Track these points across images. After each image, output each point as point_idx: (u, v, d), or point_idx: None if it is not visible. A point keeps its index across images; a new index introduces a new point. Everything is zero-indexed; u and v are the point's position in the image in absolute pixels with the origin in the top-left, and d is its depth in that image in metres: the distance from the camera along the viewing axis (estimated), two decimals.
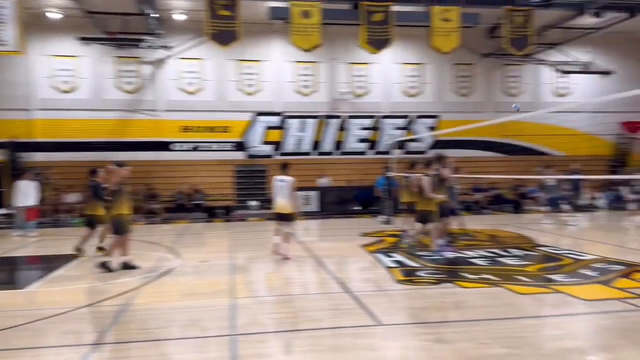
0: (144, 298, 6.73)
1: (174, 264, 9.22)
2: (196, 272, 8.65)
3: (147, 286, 7.43)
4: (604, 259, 8.85)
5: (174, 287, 7.49)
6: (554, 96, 22.68)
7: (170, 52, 19.96)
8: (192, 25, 19.26)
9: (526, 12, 16.68)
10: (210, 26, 15.47)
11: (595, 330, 5.14)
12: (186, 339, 5.19)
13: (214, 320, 5.70)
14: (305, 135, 21.28)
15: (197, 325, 5.59)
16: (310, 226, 16.17)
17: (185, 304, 6.47)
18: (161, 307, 6.39)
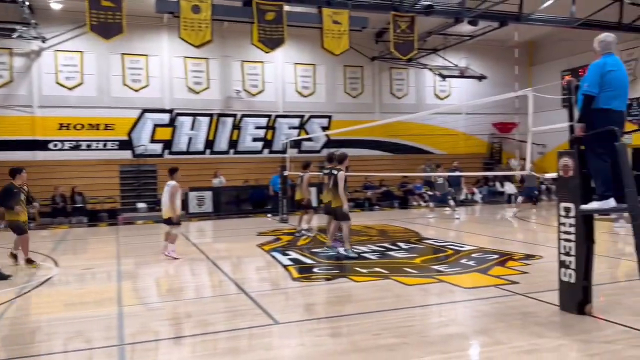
0: (21, 310, 6.16)
1: (53, 272, 8.52)
2: (79, 281, 8.06)
3: (23, 298, 6.80)
4: (481, 249, 9.63)
5: (54, 297, 6.92)
6: (435, 98, 24.23)
7: (46, 44, 18.40)
8: (71, 16, 17.90)
9: (410, 18, 17.62)
10: (90, 17, 14.47)
11: (475, 316, 5.57)
12: (70, 352, 4.82)
13: (101, 331, 5.35)
14: (198, 133, 20.72)
15: (81, 336, 5.21)
16: (205, 227, 15.79)
17: (68, 314, 6.01)
18: (41, 319, 5.88)
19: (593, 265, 5.33)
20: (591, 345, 4.47)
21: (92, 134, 19.23)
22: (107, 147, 19.47)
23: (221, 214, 18.24)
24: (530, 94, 6.34)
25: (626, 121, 5.29)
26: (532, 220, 14.98)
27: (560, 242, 5.43)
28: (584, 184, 5.28)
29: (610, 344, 4.44)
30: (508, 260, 8.43)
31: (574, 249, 5.29)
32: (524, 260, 8.34)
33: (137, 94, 19.81)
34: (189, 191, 17.78)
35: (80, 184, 18.03)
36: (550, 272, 6.89)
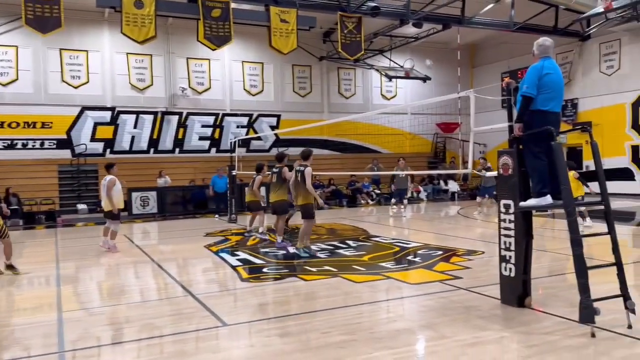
0: None
1: None
2: (16, 286, 7.65)
3: None
4: (426, 246, 9.87)
5: None
6: (382, 98, 24.64)
7: None
8: (4, 9, 17.03)
9: (357, 19, 17.83)
10: (26, 10, 13.77)
11: (421, 311, 5.70)
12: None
13: (40, 338, 5.10)
14: (142, 132, 20.15)
15: (19, 344, 4.95)
16: (149, 229, 15.37)
17: (5, 321, 5.70)
18: None
19: (532, 260, 5.58)
20: (531, 336, 4.67)
21: (28, 132, 18.34)
22: (44, 146, 18.62)
23: (167, 214, 17.79)
24: (472, 95, 6.55)
25: (561, 122, 5.55)
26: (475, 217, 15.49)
27: (501, 238, 5.64)
28: (522, 181, 5.51)
29: (549, 335, 4.66)
30: (452, 256, 8.68)
31: (514, 244, 5.51)
32: (467, 256, 8.61)
33: (76, 90, 19.05)
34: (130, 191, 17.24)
35: (15, 184, 17.13)
36: (491, 267, 7.16)
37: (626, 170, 20.18)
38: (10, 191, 16.75)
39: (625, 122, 20.23)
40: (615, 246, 4.87)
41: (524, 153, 5.44)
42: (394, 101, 24.75)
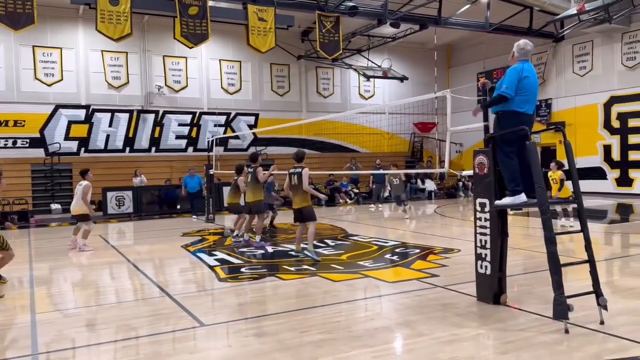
0: None
1: None
2: None
3: None
4: (404, 244, 9.94)
5: None
6: (360, 98, 24.73)
7: None
8: None
9: (335, 18, 17.85)
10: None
11: (399, 309, 5.75)
12: None
13: (12, 341, 5.00)
14: (117, 131, 19.85)
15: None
16: (125, 229, 15.15)
17: None
18: None
19: (507, 257, 5.67)
20: (506, 333, 4.74)
21: (0, 131, 17.90)
22: (17, 145, 18.21)
23: (142, 214, 17.56)
24: (449, 95, 6.62)
25: (535, 122, 5.66)
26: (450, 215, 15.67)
27: (477, 236, 5.71)
28: (497, 180, 5.59)
29: (524, 332, 4.74)
30: (429, 254, 8.76)
31: (489, 242, 5.59)
32: (443, 254, 8.71)
33: (50, 88, 18.67)
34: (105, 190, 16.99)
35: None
36: (467, 265, 7.25)
37: (598, 169, 20.64)
38: None
39: (597, 122, 20.69)
40: (587, 244, 4.98)
41: (496, 152, 5.52)
42: (372, 101, 24.87)
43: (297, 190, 8.72)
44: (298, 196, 8.75)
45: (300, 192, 8.70)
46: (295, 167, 8.90)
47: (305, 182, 8.64)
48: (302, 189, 8.63)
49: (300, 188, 8.66)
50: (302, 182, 8.61)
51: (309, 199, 8.88)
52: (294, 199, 8.87)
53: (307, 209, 8.75)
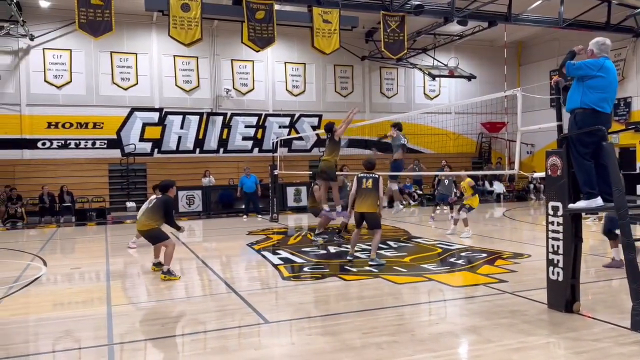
0: (7, 311, 6.09)
1: (41, 272, 8.45)
2: (68, 280, 8.00)
3: (11, 298, 6.73)
4: (470, 248, 9.68)
5: (42, 297, 6.86)
6: (424, 98, 24.32)
7: (34, 42, 18.22)
8: (59, 14, 17.78)
9: (400, 17, 17.67)
10: (79, 15, 14.34)
11: (464, 314, 5.60)
12: (58, 351, 4.78)
13: (90, 330, 5.32)
14: (188, 132, 20.64)
15: (70, 336, 5.18)
16: (195, 226, 15.72)
17: (57, 314, 5.96)
18: (28, 319, 5.83)
19: (581, 264, 5.39)
20: (579, 343, 4.51)
21: (80, 132, 19.09)
22: (95, 145, 19.34)
23: (211, 213, 18.17)
24: (519, 93, 6.40)
25: (613, 121, 5.36)
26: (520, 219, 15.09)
27: (549, 241, 5.47)
28: (572, 183, 5.33)
29: (598, 342, 4.49)
30: (497, 259, 8.48)
31: (562, 248, 5.34)
32: (512, 259, 8.40)
33: (126, 92, 19.68)
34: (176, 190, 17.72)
35: (68, 183, 17.87)
36: (538, 271, 6.95)
37: None
38: (64, 189, 17.49)
39: None
40: None
41: (570, 153, 5.27)
42: (437, 100, 24.39)
43: (370, 195, 8.54)
44: (370, 200, 8.56)
45: (372, 197, 8.53)
46: (367, 172, 8.79)
47: (381, 189, 8.61)
48: (377, 194, 8.51)
49: (374, 193, 8.50)
50: (377, 188, 8.51)
51: (377, 206, 8.70)
52: (362, 203, 8.65)
53: (374, 215, 8.59)
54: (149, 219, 8.10)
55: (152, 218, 8.07)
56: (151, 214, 8.16)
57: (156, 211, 8.14)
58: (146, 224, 8.05)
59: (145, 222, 8.12)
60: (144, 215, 8.41)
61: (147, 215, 8.24)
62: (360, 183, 8.65)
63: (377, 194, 8.50)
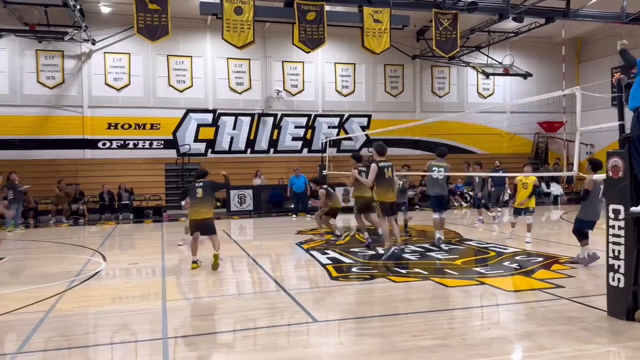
0: (69, 303, 6.41)
1: (100, 267, 8.85)
2: (125, 275, 8.34)
3: (72, 291, 7.09)
4: (525, 252, 9.39)
5: (101, 291, 7.18)
6: (478, 97, 23.76)
7: (96, 46, 19.09)
8: (119, 19, 18.52)
9: (452, 15, 17.34)
10: (137, 20, 14.92)
11: (518, 320, 5.44)
12: (115, 344, 4.99)
13: (145, 324, 5.52)
14: (240, 133, 21.04)
15: (127, 329, 5.40)
16: (245, 225, 16.02)
17: (114, 308, 6.23)
18: (88, 312, 6.12)
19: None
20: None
21: (138, 133, 19.83)
22: (153, 146, 20.04)
23: (261, 212, 18.47)
24: (578, 92, 6.16)
25: None
26: None
27: (609, 245, 5.24)
28: (634, 185, 5.08)
29: None
30: (553, 264, 8.18)
31: (623, 253, 5.10)
32: (570, 264, 8.08)
33: (181, 94, 20.29)
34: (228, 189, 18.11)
35: (127, 181, 18.62)
36: (597, 277, 6.67)
37: None
38: (122, 187, 18.26)
39: None
40: None
41: (632, 154, 5.02)
42: (491, 99, 23.76)
43: (393, 183, 8.70)
44: (394, 189, 8.77)
45: (394, 185, 8.69)
46: (382, 160, 8.85)
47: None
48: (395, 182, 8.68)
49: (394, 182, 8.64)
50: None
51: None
52: (391, 192, 8.86)
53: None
54: (207, 207, 8.66)
55: (209, 206, 8.69)
56: (207, 201, 8.66)
57: (211, 196, 8.73)
58: (208, 212, 8.65)
59: (206, 210, 8.62)
60: (198, 205, 8.66)
61: (203, 203, 8.63)
62: (384, 172, 8.77)
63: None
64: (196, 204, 8.69)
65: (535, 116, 22.98)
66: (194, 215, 8.67)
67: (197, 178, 8.94)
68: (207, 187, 8.71)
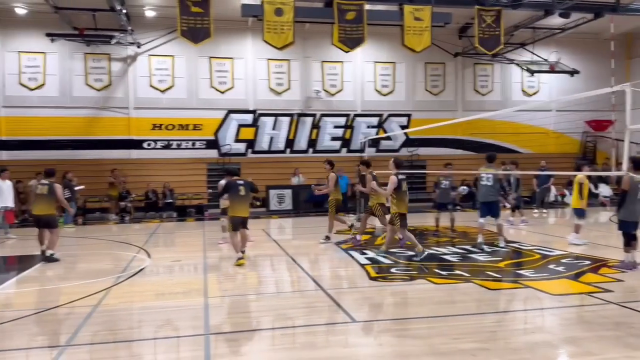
0: (115, 299, 6.63)
1: (145, 263, 9.10)
2: (168, 272, 8.55)
3: (118, 286, 7.31)
4: (571, 255, 9.09)
5: (145, 287, 7.39)
6: (522, 95, 23.17)
7: (141, 49, 19.65)
8: (163, 22, 19.00)
9: (496, 12, 16.97)
10: (181, 23, 15.27)
11: (563, 324, 5.28)
12: (158, 339, 5.13)
13: (187, 320, 5.64)
14: (279, 133, 21.22)
15: (170, 325, 5.53)
16: (284, 224, 16.14)
17: (158, 303, 6.40)
18: (133, 307, 6.30)
19: None
20: None
21: (182, 133, 20.29)
22: (195, 146, 20.46)
23: (300, 211, 18.57)
24: (629, 89, 5.92)
25: None
26: None
27: None
28: None
29: None
30: (602, 267, 7.89)
31: None
32: (619, 268, 7.77)
33: (223, 95, 20.64)
34: (268, 188, 18.30)
35: (170, 180, 19.08)
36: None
37: None
38: (166, 186, 18.72)
39: None
40: None
41: None
42: (536, 97, 23.13)
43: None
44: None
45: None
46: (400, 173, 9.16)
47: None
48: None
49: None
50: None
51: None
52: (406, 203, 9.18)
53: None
54: (247, 204, 9.13)
55: (248, 204, 9.12)
56: (248, 199, 9.09)
57: (249, 194, 9.15)
58: (248, 209, 9.13)
59: (246, 208, 9.10)
60: (241, 202, 9.01)
61: (245, 201, 9.09)
62: (401, 185, 9.00)
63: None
64: (239, 201, 8.96)
65: (583, 114, 22.21)
66: (237, 212, 8.96)
67: (233, 176, 9.34)
68: (248, 186, 9.13)
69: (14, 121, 18.88)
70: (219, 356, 4.52)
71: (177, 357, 4.64)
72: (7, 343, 5.07)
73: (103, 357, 4.62)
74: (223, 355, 4.57)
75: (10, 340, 5.15)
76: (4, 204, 12.88)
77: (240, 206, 8.97)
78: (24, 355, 4.79)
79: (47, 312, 6.03)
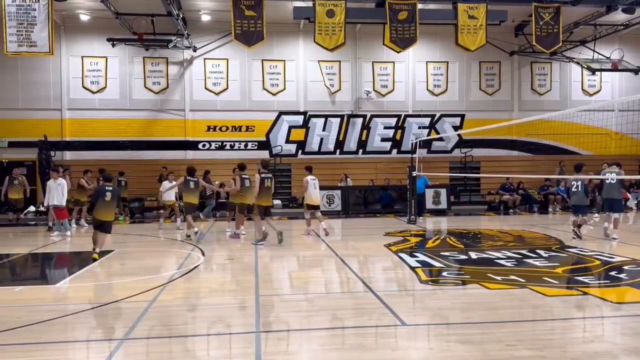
0: (170, 295, 6.84)
1: (199, 261, 9.35)
2: (222, 270, 8.75)
3: (173, 283, 7.55)
4: (634, 261, 8.64)
5: (200, 284, 7.59)
6: (583, 94, 22.24)
7: (197, 53, 20.21)
8: (218, 26, 19.49)
9: (554, 8, 16.37)
10: (235, 26, 15.61)
11: (625, 334, 5.03)
12: (211, 335, 5.25)
13: (239, 317, 5.76)
14: (329, 134, 21.30)
15: (222, 321, 5.66)
16: (334, 225, 16.16)
17: (211, 300, 6.56)
18: (187, 303, 6.48)
19: None
20: None
21: (235, 135, 20.74)
22: (247, 147, 20.86)
23: (350, 213, 18.56)
24: None
25: None
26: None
27: None
28: None
29: None
30: None
31: None
32: None
33: (274, 97, 20.93)
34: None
35: (225, 181, 19.48)
36: None
37: None
38: (220, 186, 19.12)
39: None
40: None
41: None
42: (597, 97, 22.14)
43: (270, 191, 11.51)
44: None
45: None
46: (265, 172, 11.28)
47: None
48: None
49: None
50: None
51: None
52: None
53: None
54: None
55: (111, 209, 9.78)
56: (112, 205, 9.70)
57: (115, 201, 9.84)
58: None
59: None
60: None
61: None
62: (263, 182, 11.12)
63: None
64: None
65: None
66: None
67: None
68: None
69: (77, 123, 19.86)
70: (270, 354, 4.58)
71: (229, 353, 4.74)
72: (69, 335, 5.34)
73: (158, 351, 4.78)
74: (274, 353, 4.63)
75: (72, 332, 5.42)
76: (51, 203, 13.63)
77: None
78: (84, 347, 5.03)
79: (105, 306, 6.30)
